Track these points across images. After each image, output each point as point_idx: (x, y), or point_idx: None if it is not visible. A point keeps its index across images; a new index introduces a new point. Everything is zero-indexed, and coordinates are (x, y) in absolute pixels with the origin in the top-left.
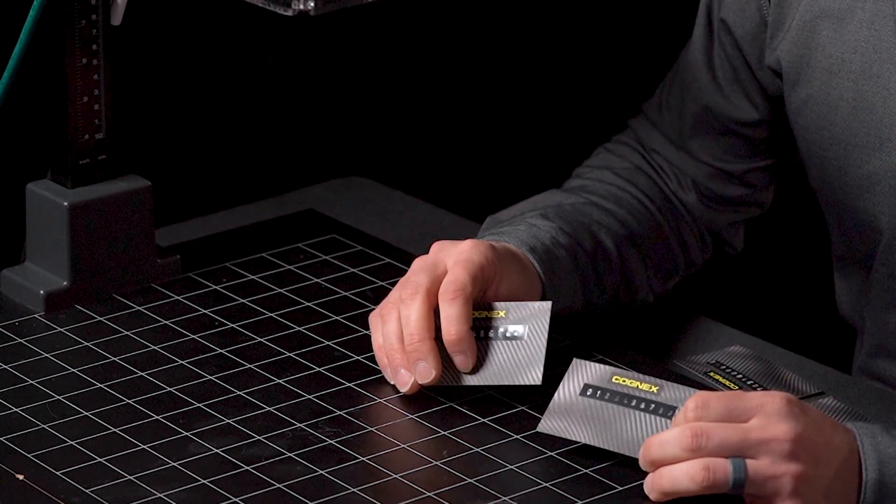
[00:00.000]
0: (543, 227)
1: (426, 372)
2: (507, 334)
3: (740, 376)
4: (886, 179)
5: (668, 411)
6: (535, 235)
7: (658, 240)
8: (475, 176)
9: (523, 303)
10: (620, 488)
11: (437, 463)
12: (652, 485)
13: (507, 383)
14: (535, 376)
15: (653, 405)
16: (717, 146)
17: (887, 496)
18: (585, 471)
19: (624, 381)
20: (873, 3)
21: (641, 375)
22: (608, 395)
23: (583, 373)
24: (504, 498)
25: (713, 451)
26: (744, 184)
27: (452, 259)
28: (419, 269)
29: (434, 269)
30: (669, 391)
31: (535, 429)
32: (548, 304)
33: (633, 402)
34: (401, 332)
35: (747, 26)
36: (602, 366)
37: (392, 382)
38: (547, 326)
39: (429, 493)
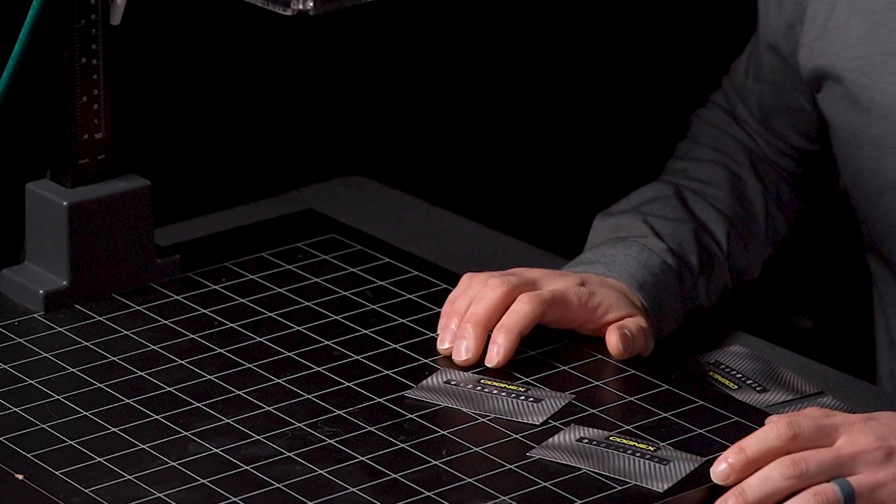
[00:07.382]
0: (655, 251)
1: (464, 352)
2: (522, 397)
3: (740, 376)
4: None
5: (665, 462)
6: (644, 265)
7: (755, 208)
8: (476, 176)
9: (544, 388)
10: (621, 488)
11: (437, 463)
12: None
13: (508, 419)
14: (537, 419)
15: (648, 455)
16: (788, 122)
17: None
18: (586, 470)
19: (622, 440)
20: None
21: (640, 434)
22: (604, 444)
23: (580, 430)
24: (504, 498)
25: (814, 475)
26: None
27: (552, 287)
28: (519, 273)
29: (530, 283)
30: (667, 451)
31: (534, 429)
32: (567, 396)
33: (630, 451)
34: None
35: (782, 21)
36: (601, 431)
37: (441, 345)
38: (562, 404)
39: (429, 493)
